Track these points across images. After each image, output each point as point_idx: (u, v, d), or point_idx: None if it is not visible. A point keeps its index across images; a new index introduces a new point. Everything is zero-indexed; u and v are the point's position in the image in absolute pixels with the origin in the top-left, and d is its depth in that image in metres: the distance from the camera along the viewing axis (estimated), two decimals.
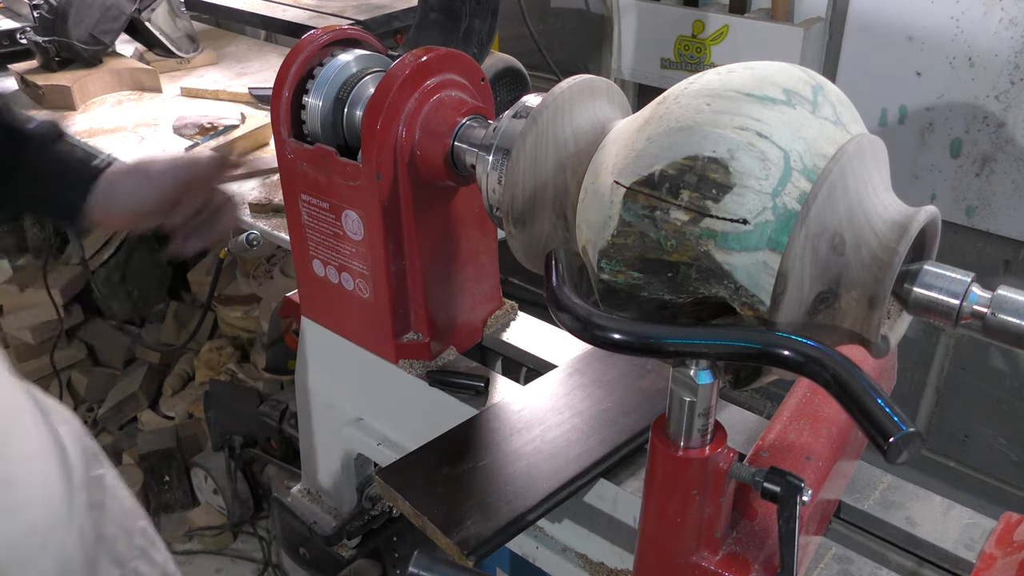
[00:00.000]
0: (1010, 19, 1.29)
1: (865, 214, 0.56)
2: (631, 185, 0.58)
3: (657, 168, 0.57)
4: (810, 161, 0.55)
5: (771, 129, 0.55)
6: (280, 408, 1.86)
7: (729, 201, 0.55)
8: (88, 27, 1.74)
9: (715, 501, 0.60)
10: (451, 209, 0.92)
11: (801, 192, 0.55)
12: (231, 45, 2.16)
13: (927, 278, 0.56)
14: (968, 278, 0.55)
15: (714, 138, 0.56)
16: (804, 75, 0.59)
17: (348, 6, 1.85)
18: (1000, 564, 0.65)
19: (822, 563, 0.72)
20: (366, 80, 0.88)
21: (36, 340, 2.50)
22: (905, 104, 1.44)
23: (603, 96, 0.73)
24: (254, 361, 2.29)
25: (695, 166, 0.56)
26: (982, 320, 0.54)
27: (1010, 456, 1.59)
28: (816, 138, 0.56)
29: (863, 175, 0.57)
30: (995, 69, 1.33)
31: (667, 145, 0.57)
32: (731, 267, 0.55)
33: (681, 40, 1.61)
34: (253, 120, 1.64)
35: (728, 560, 0.62)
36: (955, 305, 0.55)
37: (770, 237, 0.55)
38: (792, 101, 0.57)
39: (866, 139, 0.58)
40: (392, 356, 0.95)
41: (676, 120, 0.58)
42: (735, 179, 0.55)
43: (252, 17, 1.89)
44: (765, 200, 0.54)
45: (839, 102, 0.59)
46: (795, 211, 0.55)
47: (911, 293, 0.56)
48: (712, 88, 0.58)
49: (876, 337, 0.56)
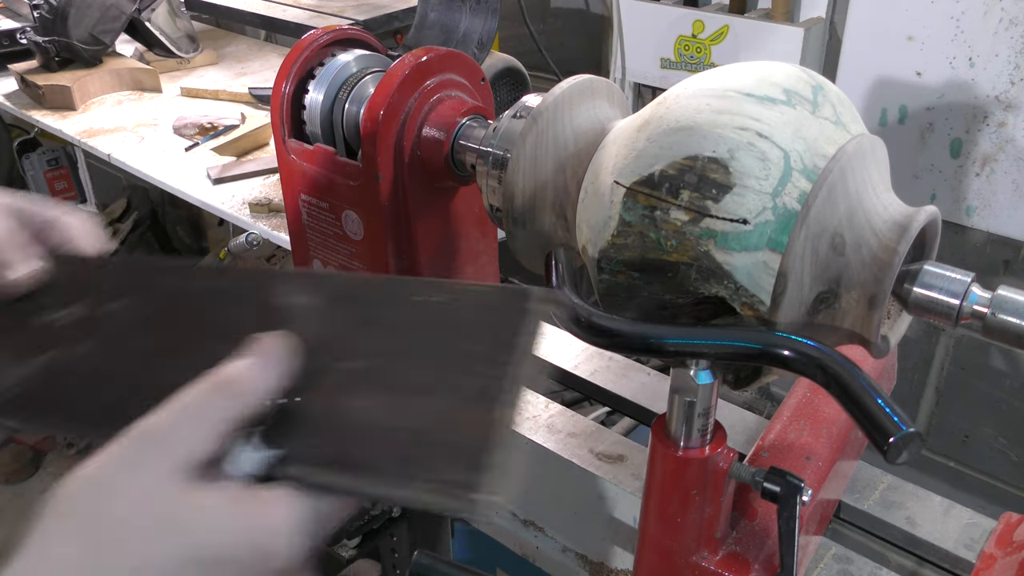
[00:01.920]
0: (1010, 19, 1.29)
1: (865, 214, 0.56)
2: (631, 185, 0.58)
3: (657, 168, 0.57)
4: (810, 161, 0.55)
5: (771, 129, 0.55)
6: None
7: (729, 201, 0.55)
8: (88, 27, 1.74)
9: (715, 501, 0.60)
10: (451, 209, 0.92)
11: (801, 192, 0.55)
12: (231, 45, 2.16)
13: (927, 278, 0.56)
14: (968, 278, 0.55)
15: (714, 138, 0.56)
16: (804, 75, 0.59)
17: (348, 6, 1.85)
18: (1000, 564, 0.65)
19: (822, 563, 0.72)
20: (366, 80, 0.88)
21: None
22: (905, 104, 1.44)
23: (603, 96, 0.73)
24: None
25: (695, 166, 0.56)
26: (982, 320, 0.54)
27: (1010, 456, 1.59)
28: (816, 138, 0.56)
29: (863, 175, 0.57)
30: (995, 69, 1.33)
31: (667, 145, 0.57)
32: (731, 267, 0.55)
33: (681, 40, 1.61)
34: (253, 120, 1.64)
35: (728, 560, 0.62)
36: (955, 305, 0.55)
37: (770, 237, 0.55)
38: (792, 101, 0.57)
39: (866, 139, 0.58)
40: None
41: (676, 120, 0.58)
42: (735, 179, 0.55)
43: (252, 17, 1.89)
44: (765, 200, 0.54)
45: (839, 102, 0.59)
46: (795, 211, 0.55)
47: (911, 293, 0.56)
48: (712, 88, 0.58)
49: (876, 337, 0.56)
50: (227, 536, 0.38)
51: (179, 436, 0.39)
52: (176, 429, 0.39)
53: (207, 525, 0.38)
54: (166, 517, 0.38)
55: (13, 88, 1.82)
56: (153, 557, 0.37)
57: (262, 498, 0.39)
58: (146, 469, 0.38)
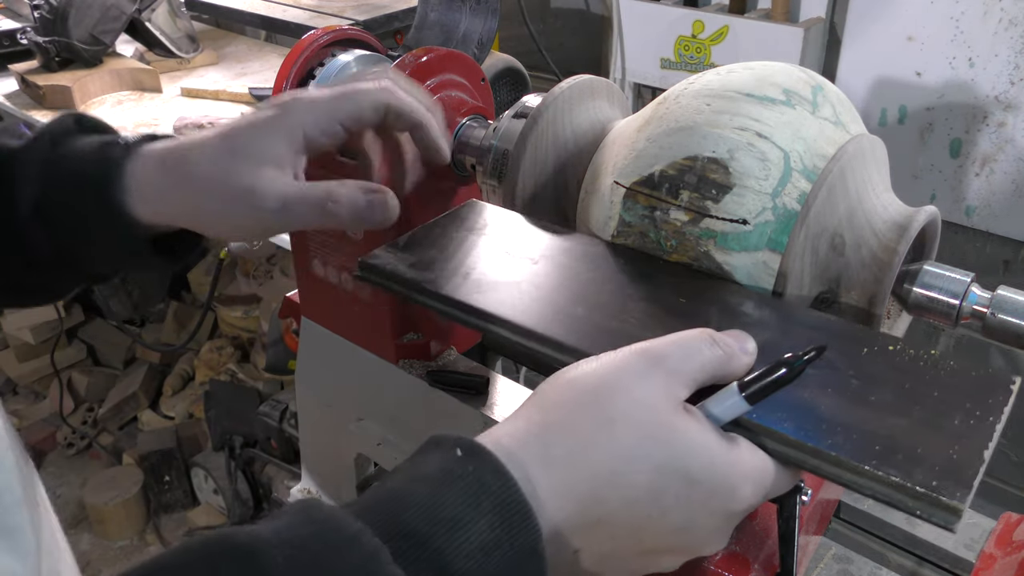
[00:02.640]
0: (1010, 19, 1.29)
1: (865, 214, 0.56)
2: (631, 185, 0.59)
3: (657, 168, 0.57)
4: (810, 161, 0.55)
5: (771, 129, 0.55)
6: (280, 408, 1.86)
7: (729, 201, 0.55)
8: (88, 27, 1.74)
9: None
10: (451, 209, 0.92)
11: (801, 192, 0.55)
12: (231, 45, 2.16)
13: (927, 278, 0.56)
14: (968, 278, 0.55)
15: (714, 138, 0.56)
16: (804, 75, 0.59)
17: (348, 6, 1.85)
18: (1000, 564, 0.65)
19: (822, 563, 0.73)
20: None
21: (36, 340, 2.50)
22: (905, 104, 1.44)
23: (603, 96, 0.73)
24: (254, 361, 2.30)
25: (695, 166, 0.56)
26: (982, 320, 0.54)
27: (1010, 456, 1.59)
28: (816, 138, 0.56)
29: (863, 175, 0.57)
30: (995, 69, 1.33)
31: (667, 145, 0.57)
32: (731, 267, 0.55)
33: (681, 40, 1.61)
34: None
35: (728, 560, 0.62)
36: (955, 305, 0.55)
37: (770, 237, 0.55)
38: (792, 101, 0.57)
39: (866, 139, 0.58)
40: (392, 356, 0.95)
41: (676, 120, 0.58)
42: (735, 179, 0.55)
43: (252, 17, 1.89)
44: (765, 200, 0.54)
45: (839, 102, 0.59)
46: (795, 211, 0.55)
47: (911, 293, 0.56)
48: (712, 88, 0.59)
49: None
50: (705, 461, 0.41)
51: (680, 365, 0.43)
52: (679, 359, 0.43)
53: (689, 445, 0.41)
54: (657, 425, 0.41)
55: (13, 88, 1.83)
56: (636, 454, 0.40)
57: (737, 442, 0.43)
58: (650, 381, 0.42)
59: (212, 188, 0.54)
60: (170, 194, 0.55)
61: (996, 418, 0.45)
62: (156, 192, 0.56)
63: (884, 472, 0.41)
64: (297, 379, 1.13)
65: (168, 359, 2.54)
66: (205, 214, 0.56)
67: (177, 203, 0.56)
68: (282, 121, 0.56)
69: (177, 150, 0.56)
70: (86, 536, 2.28)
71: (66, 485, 2.42)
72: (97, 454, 2.49)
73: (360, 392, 1.05)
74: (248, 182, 0.54)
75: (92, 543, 2.27)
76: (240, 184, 0.54)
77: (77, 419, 2.48)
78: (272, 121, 0.56)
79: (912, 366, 0.48)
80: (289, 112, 0.57)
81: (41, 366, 2.51)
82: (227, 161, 0.54)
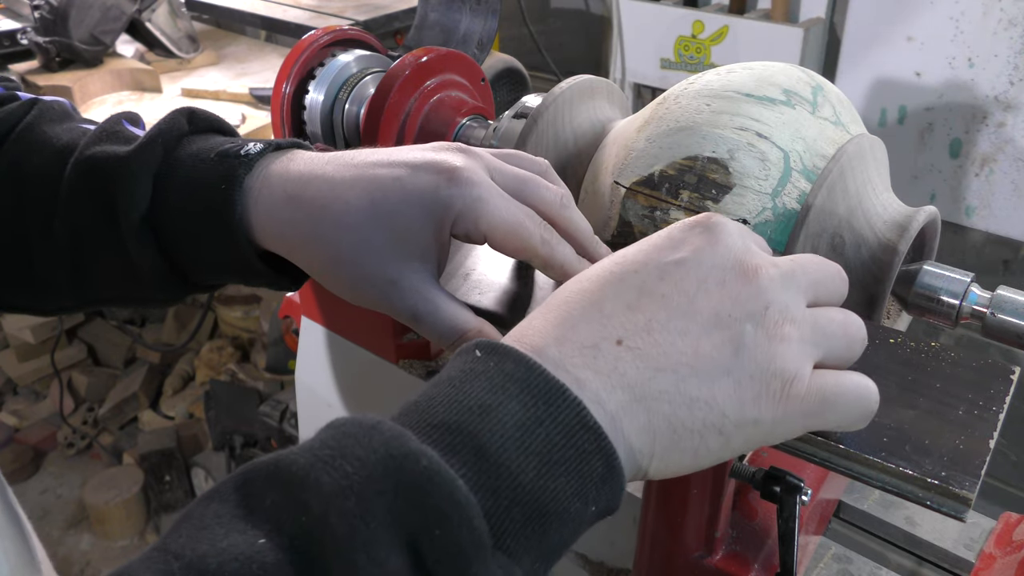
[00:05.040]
0: (1010, 19, 1.29)
1: (865, 214, 0.56)
2: (631, 185, 0.59)
3: (657, 168, 0.57)
4: (810, 161, 0.55)
5: (771, 129, 0.55)
6: (280, 408, 1.87)
7: (729, 201, 0.55)
8: (88, 27, 1.74)
9: (715, 501, 0.60)
10: None
11: (801, 192, 0.55)
12: (231, 45, 2.16)
13: (926, 278, 0.56)
14: (968, 278, 0.55)
15: (714, 138, 0.56)
16: (804, 75, 0.59)
17: (348, 6, 1.85)
18: (999, 564, 0.65)
19: (822, 563, 0.72)
20: (366, 80, 0.88)
21: (36, 340, 2.50)
22: (905, 104, 1.44)
23: (603, 96, 0.73)
24: (254, 361, 2.30)
25: (695, 166, 0.56)
26: (981, 320, 0.54)
27: (1009, 456, 1.59)
28: (816, 138, 0.56)
29: (863, 175, 0.57)
30: (994, 69, 1.33)
31: (667, 145, 0.57)
32: None
33: (681, 40, 1.61)
34: (253, 120, 1.65)
35: (728, 560, 0.62)
36: (955, 305, 0.55)
37: (770, 237, 0.55)
38: (792, 101, 0.57)
39: (866, 139, 0.58)
40: (392, 356, 0.95)
41: (676, 120, 0.58)
42: (735, 179, 0.55)
43: (252, 17, 1.90)
44: (765, 200, 0.54)
45: (839, 102, 0.59)
46: (795, 211, 0.55)
47: (911, 293, 0.56)
48: (712, 88, 0.59)
49: None
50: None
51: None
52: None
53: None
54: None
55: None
56: (702, 343, 0.38)
57: None
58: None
59: (346, 260, 0.47)
60: (294, 240, 0.49)
61: (999, 408, 0.46)
62: (278, 228, 0.49)
63: (894, 464, 0.42)
64: (297, 379, 1.13)
65: (168, 359, 2.54)
66: (327, 278, 0.49)
67: (301, 255, 0.49)
68: (441, 198, 0.47)
69: (311, 188, 0.48)
70: (86, 536, 2.28)
71: (66, 485, 2.42)
72: (97, 454, 2.49)
73: (360, 392, 1.05)
74: (392, 275, 0.47)
75: (92, 543, 2.27)
76: (383, 275, 0.47)
77: (77, 419, 2.48)
78: (431, 195, 0.47)
79: (914, 358, 0.49)
80: (456, 186, 0.47)
81: (41, 366, 2.51)
82: (372, 235, 0.46)
